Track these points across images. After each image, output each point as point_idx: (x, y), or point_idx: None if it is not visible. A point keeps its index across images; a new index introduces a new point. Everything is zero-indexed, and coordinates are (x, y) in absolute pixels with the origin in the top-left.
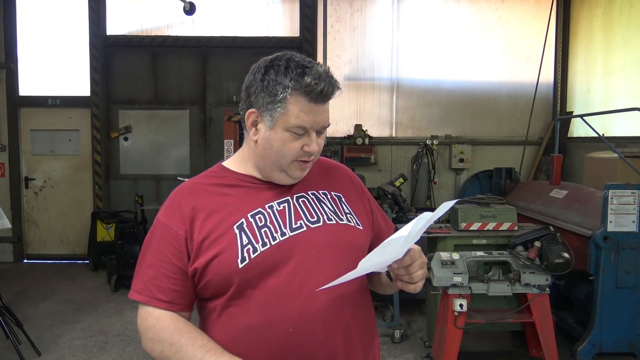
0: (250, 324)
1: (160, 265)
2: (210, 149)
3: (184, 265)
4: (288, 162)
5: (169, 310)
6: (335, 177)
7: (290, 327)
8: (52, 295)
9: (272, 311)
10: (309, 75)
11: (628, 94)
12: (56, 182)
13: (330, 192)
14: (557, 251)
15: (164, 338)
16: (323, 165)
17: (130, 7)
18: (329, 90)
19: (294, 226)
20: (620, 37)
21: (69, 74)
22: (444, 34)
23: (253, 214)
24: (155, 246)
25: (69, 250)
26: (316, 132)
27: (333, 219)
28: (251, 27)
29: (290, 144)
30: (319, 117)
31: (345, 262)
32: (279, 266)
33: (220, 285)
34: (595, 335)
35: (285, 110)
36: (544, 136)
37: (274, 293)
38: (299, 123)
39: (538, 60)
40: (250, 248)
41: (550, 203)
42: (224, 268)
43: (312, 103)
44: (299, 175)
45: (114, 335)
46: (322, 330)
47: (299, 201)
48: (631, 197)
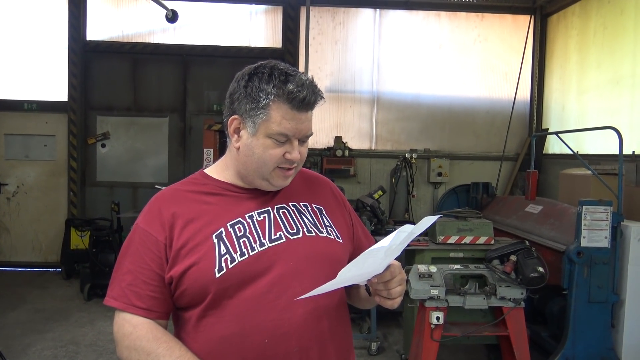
0: (225, 334)
1: (138, 271)
2: (189, 158)
3: (162, 272)
4: (270, 170)
5: (146, 318)
6: (317, 189)
7: (265, 338)
8: (22, 304)
9: (248, 321)
10: (292, 82)
11: (601, 112)
12: (30, 188)
13: (312, 204)
14: (532, 265)
15: (141, 347)
16: (305, 177)
17: (111, 13)
18: (312, 99)
19: (273, 237)
20: (595, 58)
21: (47, 78)
22: (425, 49)
23: (232, 224)
24: (133, 252)
25: (41, 258)
26: (299, 140)
27: (313, 231)
28: (233, 36)
29: (271, 150)
30: (301, 125)
31: (324, 275)
32: (257, 277)
33: (196, 294)
34: (568, 349)
35: (267, 117)
36: (520, 152)
37: (251, 303)
38: (281, 130)
39: (515, 77)
40: (228, 258)
41: (525, 218)
42: (200, 277)
43: (294, 111)
44: (281, 183)
45: (85, 345)
46: (297, 342)
47: (279, 212)
48: (603, 213)
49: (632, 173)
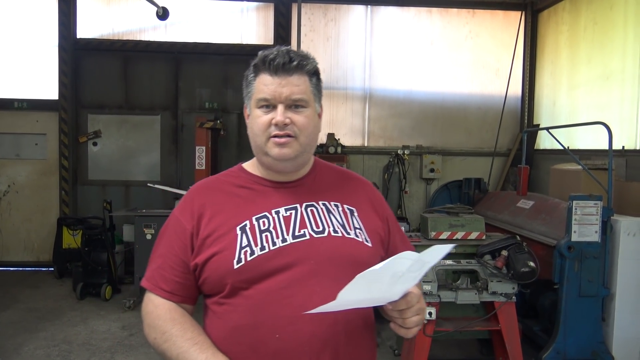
0: (239, 323)
1: (167, 256)
2: (181, 156)
3: (187, 259)
4: (264, 140)
5: (169, 300)
6: (353, 190)
7: (276, 333)
8: (14, 304)
9: (261, 314)
10: (268, 52)
11: (592, 108)
12: (21, 187)
13: (343, 205)
14: (523, 260)
15: (158, 325)
16: (344, 177)
17: (101, 11)
18: (286, 61)
19: (296, 234)
20: (585, 53)
21: (37, 76)
22: (416, 45)
23: (258, 217)
24: (166, 237)
25: (33, 257)
26: (288, 106)
27: (339, 232)
28: (225, 34)
29: (259, 119)
30: (282, 89)
31: (345, 276)
32: (275, 272)
33: (216, 283)
34: (559, 342)
35: (253, 90)
36: (512, 148)
37: (265, 296)
38: (261, 95)
39: (507, 73)
40: (248, 250)
41: (517, 213)
42: (220, 267)
43: (272, 76)
44: (277, 152)
45: (78, 344)
46: (308, 342)
47: (307, 210)
48: (594, 207)
49: (621, 168)
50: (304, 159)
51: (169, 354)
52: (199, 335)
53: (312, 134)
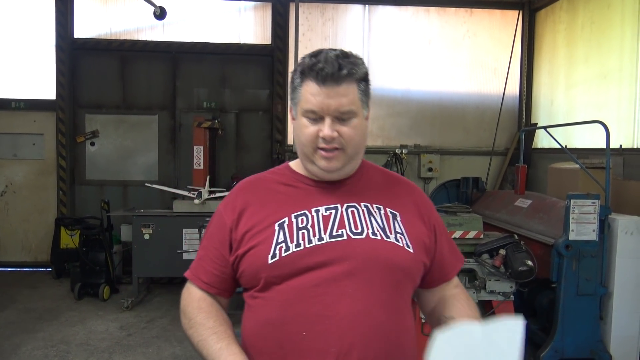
0: (269, 317)
1: (208, 249)
2: (179, 155)
3: (226, 253)
4: (310, 150)
5: (206, 292)
6: (399, 194)
7: (304, 331)
8: (12, 304)
9: (290, 309)
10: (317, 58)
11: (589, 107)
12: (18, 187)
13: (386, 208)
14: (521, 259)
15: (187, 312)
16: (389, 180)
17: (99, 10)
18: (335, 71)
19: (334, 233)
20: (582, 52)
21: (34, 76)
22: (414, 45)
23: (297, 215)
24: (210, 230)
25: (30, 258)
26: (335, 118)
27: (378, 234)
28: (222, 33)
29: (305, 129)
30: (329, 100)
31: (379, 280)
32: (308, 269)
33: (251, 277)
34: (557, 341)
35: (300, 97)
36: (510, 147)
37: (296, 292)
38: (309, 106)
39: (504, 72)
40: (283, 246)
41: (515, 212)
42: (255, 261)
43: (319, 85)
44: (325, 165)
45: (76, 344)
46: (336, 343)
47: (347, 210)
48: (591, 206)
49: (619, 166)
50: (351, 167)
51: (192, 340)
52: (221, 325)
53: (360, 142)
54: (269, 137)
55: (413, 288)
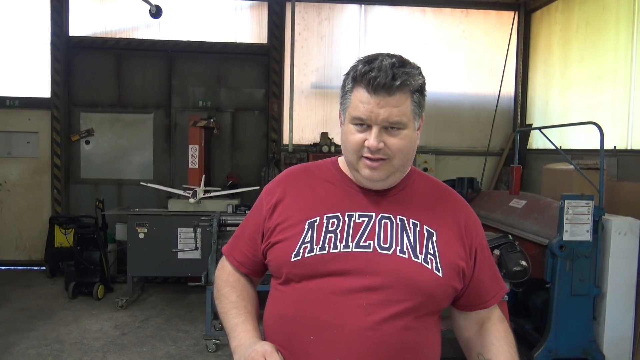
0: (283, 313)
1: (245, 229)
2: (174, 154)
3: (258, 238)
4: (355, 158)
5: (237, 269)
6: (443, 210)
7: (311, 334)
8: (6, 303)
9: (303, 311)
10: (370, 65)
11: (584, 107)
12: (13, 186)
13: (423, 225)
14: (515, 259)
15: (217, 284)
16: (437, 193)
17: (94, 9)
18: (388, 80)
19: (361, 243)
20: (577, 53)
21: (29, 74)
22: (410, 45)
23: (329, 217)
24: (251, 212)
25: (24, 256)
26: (384, 128)
27: (406, 253)
28: (218, 32)
29: (351, 136)
30: (379, 110)
31: (398, 299)
32: (328, 274)
33: (275, 269)
34: (551, 341)
35: (349, 103)
36: (505, 147)
37: (311, 295)
38: (356, 114)
39: (500, 73)
40: (308, 247)
41: (509, 212)
42: (280, 255)
43: (370, 94)
44: (368, 174)
45: (70, 344)
46: (341, 354)
47: (381, 222)
48: (585, 207)
49: (613, 167)
50: (395, 178)
51: (218, 309)
52: (242, 300)
53: (408, 154)
54: (265, 137)
55: (438, 310)
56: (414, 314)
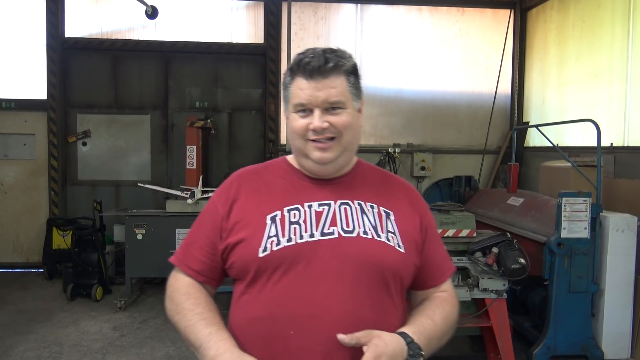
0: (257, 315)
1: (198, 236)
2: (172, 155)
3: (216, 241)
4: (302, 143)
5: (193, 279)
6: (394, 193)
7: (291, 330)
8: (4, 305)
9: (278, 308)
10: (303, 54)
11: (581, 105)
12: (10, 188)
13: (380, 207)
14: (513, 257)
15: (174, 298)
16: (386, 179)
17: (90, 10)
18: (322, 64)
19: (325, 231)
20: (573, 51)
21: (25, 76)
22: (406, 44)
23: (290, 209)
24: (201, 217)
25: (22, 259)
26: (325, 109)
27: (369, 233)
28: (215, 32)
29: (295, 122)
30: (318, 93)
31: (369, 279)
32: (297, 265)
33: (241, 269)
34: (549, 338)
35: (290, 94)
36: (502, 145)
37: (285, 291)
38: (298, 100)
39: (496, 71)
40: (275, 240)
41: (507, 210)
42: (245, 254)
43: (308, 80)
44: (319, 156)
45: (69, 345)
46: (324, 342)
47: (340, 207)
48: (583, 204)
49: (610, 165)
50: (345, 159)
51: (179, 326)
52: (209, 311)
53: (354, 131)
54: (262, 137)
55: (404, 288)
56: (385, 291)
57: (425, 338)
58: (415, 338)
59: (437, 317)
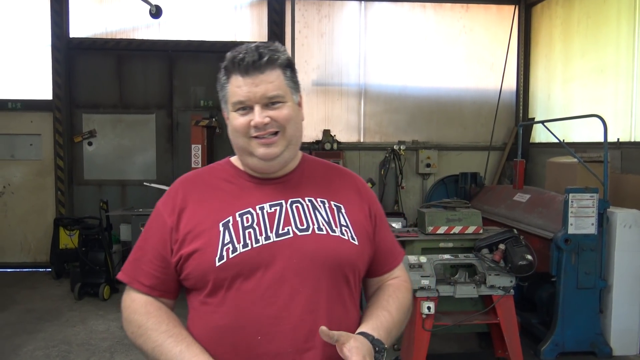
0: (220, 324)
1: (146, 249)
2: (177, 154)
3: (166, 254)
4: (246, 141)
5: (147, 295)
6: (342, 186)
7: (258, 335)
8: (12, 305)
9: (243, 315)
10: (237, 51)
11: (586, 101)
12: (16, 188)
13: (330, 202)
14: (520, 253)
15: (134, 320)
16: (333, 172)
17: (94, 10)
18: (256, 59)
19: (280, 231)
20: (579, 47)
21: (30, 77)
22: (411, 41)
23: (241, 213)
24: (147, 230)
25: (30, 258)
26: (265, 106)
27: (324, 229)
28: (218, 31)
29: (236, 121)
30: (255, 89)
31: (329, 276)
32: (257, 270)
33: (198, 280)
34: (557, 335)
35: (227, 93)
36: (508, 142)
37: (247, 296)
38: (236, 98)
39: (501, 67)
40: (230, 247)
41: (513, 207)
42: (201, 264)
43: (243, 76)
44: (264, 152)
45: (77, 344)
46: (292, 344)
47: (292, 206)
48: (590, 200)
49: (617, 160)
50: (290, 153)
51: (145, 348)
52: (175, 327)
53: (297, 125)
54: None
55: (360, 279)
56: (345, 286)
57: (384, 331)
58: (376, 334)
59: (391, 307)
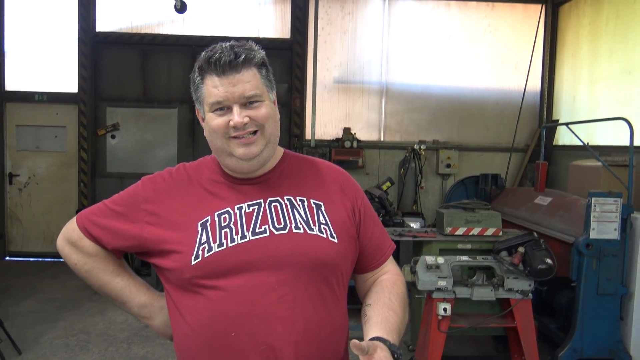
0: (197, 321)
1: (120, 228)
2: (198, 148)
3: (127, 242)
4: (224, 142)
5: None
6: (323, 182)
7: (233, 332)
8: (35, 294)
9: (217, 312)
10: (211, 51)
11: (613, 103)
12: (41, 179)
13: (310, 200)
14: (540, 257)
15: (83, 253)
16: (314, 168)
17: (120, 4)
18: (232, 58)
19: (257, 230)
20: (607, 47)
21: (57, 69)
22: (434, 39)
23: (220, 213)
24: (126, 209)
25: (52, 248)
26: (243, 105)
27: (301, 228)
28: (242, 27)
29: (214, 122)
30: (232, 89)
31: (306, 275)
32: (232, 269)
33: (175, 278)
34: (576, 341)
35: (203, 94)
36: (530, 143)
37: (222, 294)
38: (213, 99)
39: (526, 67)
40: (206, 247)
41: (534, 209)
42: (178, 262)
43: (220, 76)
44: (243, 152)
45: (96, 334)
46: (265, 341)
47: (270, 206)
48: (613, 205)
49: None
50: (269, 152)
51: (90, 282)
52: (120, 266)
53: (275, 122)
54: (287, 131)
55: (345, 277)
56: (324, 285)
57: (396, 334)
58: (391, 339)
59: (396, 305)
